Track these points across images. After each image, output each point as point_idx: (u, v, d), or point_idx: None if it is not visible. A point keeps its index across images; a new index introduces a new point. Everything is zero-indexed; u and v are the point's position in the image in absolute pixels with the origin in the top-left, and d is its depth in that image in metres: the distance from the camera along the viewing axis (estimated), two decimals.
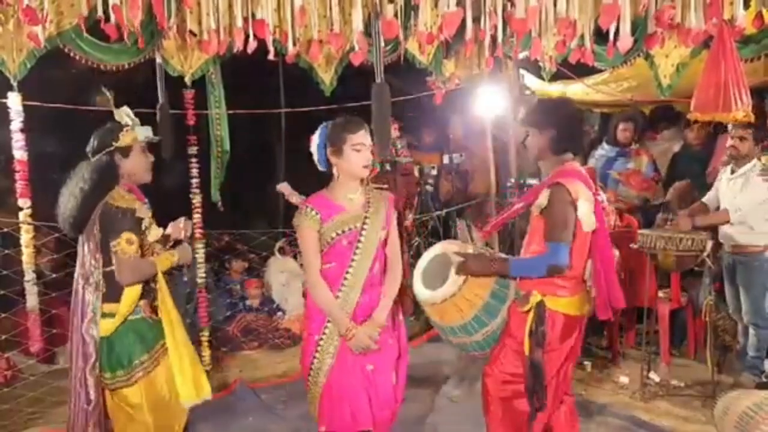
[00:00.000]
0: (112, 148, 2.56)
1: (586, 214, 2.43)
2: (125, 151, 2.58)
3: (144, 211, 2.56)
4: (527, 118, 2.68)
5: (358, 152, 2.43)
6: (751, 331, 3.96)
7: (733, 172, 3.96)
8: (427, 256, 2.82)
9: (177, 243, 2.86)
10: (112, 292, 2.50)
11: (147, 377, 2.54)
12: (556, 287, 2.49)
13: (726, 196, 3.97)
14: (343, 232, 2.45)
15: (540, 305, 2.48)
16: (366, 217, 2.47)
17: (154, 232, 2.58)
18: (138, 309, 2.56)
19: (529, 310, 2.50)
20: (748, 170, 3.86)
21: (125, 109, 2.63)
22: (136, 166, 2.62)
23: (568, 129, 2.58)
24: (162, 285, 2.56)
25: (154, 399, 2.54)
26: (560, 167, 2.55)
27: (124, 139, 2.57)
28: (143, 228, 2.54)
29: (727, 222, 3.85)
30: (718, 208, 4.03)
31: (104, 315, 2.50)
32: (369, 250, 2.46)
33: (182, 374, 2.54)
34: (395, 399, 2.61)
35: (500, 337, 2.64)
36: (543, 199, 2.48)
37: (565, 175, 2.49)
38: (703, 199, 4.16)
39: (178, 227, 2.89)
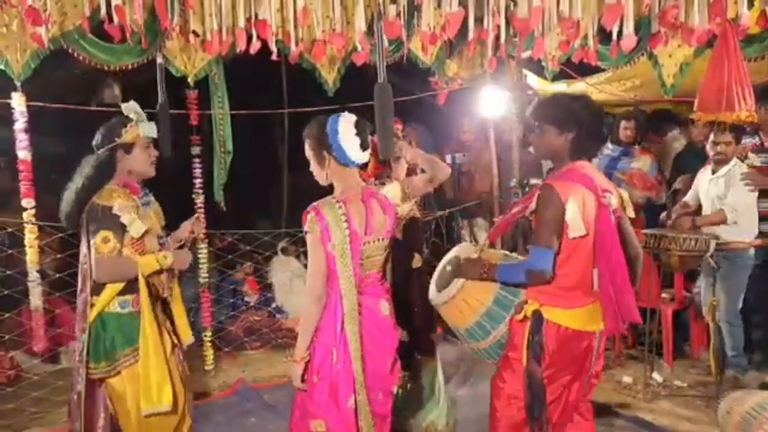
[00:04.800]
0: (114, 144, 2.57)
1: (573, 218, 2.22)
2: (128, 147, 2.59)
3: (126, 207, 2.50)
4: (544, 115, 2.40)
5: None
6: (725, 330, 3.97)
7: (713, 172, 4.03)
8: (445, 259, 2.82)
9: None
10: (96, 285, 2.52)
11: (131, 369, 2.52)
12: (555, 297, 2.30)
13: (708, 196, 4.03)
14: None
15: (536, 315, 2.31)
16: None
17: (136, 228, 2.50)
18: (125, 303, 2.54)
19: (525, 320, 2.34)
20: (729, 171, 3.94)
21: (133, 103, 2.63)
22: (138, 162, 2.62)
23: (593, 132, 2.36)
24: (142, 287, 2.51)
25: (137, 391, 2.52)
26: (564, 167, 2.38)
27: (127, 136, 2.58)
28: (124, 225, 2.49)
29: (724, 222, 3.88)
30: (699, 207, 4.13)
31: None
32: None
33: (145, 379, 2.50)
34: None
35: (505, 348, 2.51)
36: (534, 201, 2.34)
37: (562, 177, 2.34)
38: (685, 198, 4.23)
39: (186, 228, 2.89)
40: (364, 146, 2.31)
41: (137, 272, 2.50)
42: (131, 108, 2.62)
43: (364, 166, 2.56)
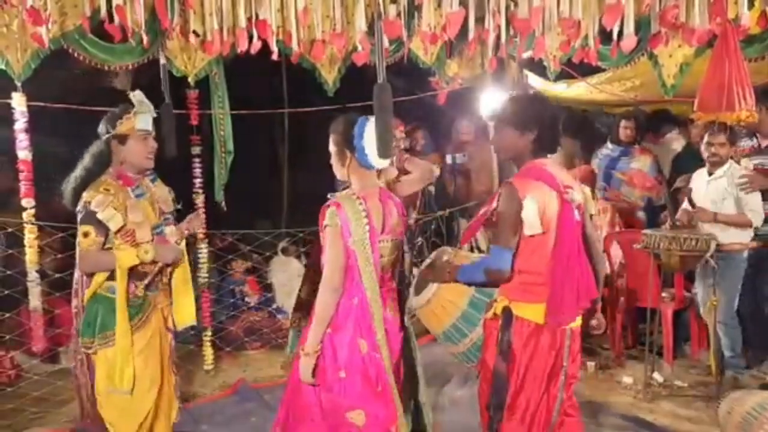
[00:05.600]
0: (109, 134, 2.62)
1: (529, 215, 2.21)
2: (122, 139, 2.63)
3: (103, 203, 2.53)
4: (504, 117, 2.40)
5: None
6: (722, 331, 3.98)
7: (710, 173, 4.04)
8: (424, 264, 2.83)
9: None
10: None
11: (105, 352, 2.60)
12: (524, 292, 2.28)
13: (709, 197, 4.02)
14: None
15: (506, 312, 2.29)
16: None
17: (114, 223, 2.54)
18: (114, 288, 2.59)
19: (495, 318, 2.32)
20: (725, 173, 3.96)
21: (139, 93, 2.67)
22: (133, 154, 2.65)
23: (552, 131, 2.36)
24: (119, 279, 2.55)
25: (104, 374, 2.61)
26: (527, 165, 2.35)
27: (122, 127, 2.62)
28: (102, 220, 2.53)
29: (750, 225, 3.90)
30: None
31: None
32: None
33: (113, 360, 2.61)
34: None
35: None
36: (496, 200, 2.30)
37: (522, 174, 2.33)
38: (684, 206, 4.18)
39: (183, 225, 2.90)
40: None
41: (114, 265, 2.55)
42: (137, 98, 2.65)
43: None
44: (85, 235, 2.52)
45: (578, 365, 2.45)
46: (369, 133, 2.32)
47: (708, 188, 4.03)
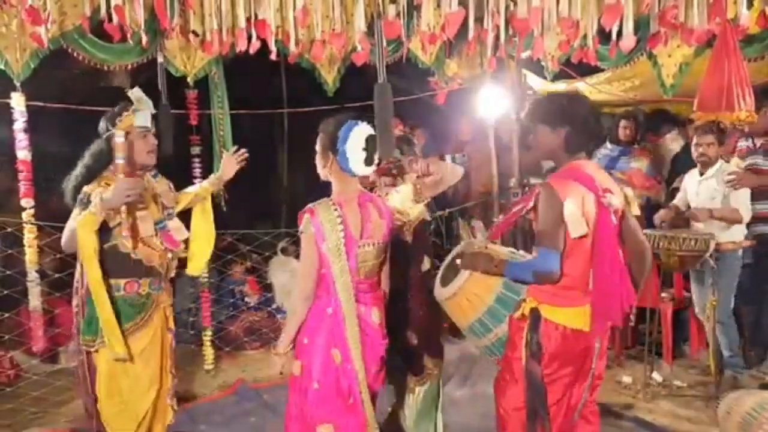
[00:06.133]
0: (110, 132, 2.62)
1: (571, 217, 2.19)
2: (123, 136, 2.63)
3: (102, 193, 2.51)
4: (536, 114, 2.41)
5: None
6: (719, 330, 3.98)
7: (701, 174, 4.06)
8: (451, 254, 2.82)
9: None
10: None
11: (107, 350, 2.58)
12: (554, 296, 2.28)
13: (700, 196, 4.04)
14: None
15: (534, 313, 2.31)
16: None
17: (94, 202, 2.48)
18: (118, 287, 2.59)
19: (523, 318, 2.33)
20: (716, 172, 3.96)
21: (137, 90, 2.67)
22: (133, 151, 2.65)
23: (585, 126, 2.33)
24: (84, 250, 2.47)
25: (107, 371, 2.60)
26: (565, 166, 2.35)
27: (121, 125, 2.62)
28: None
29: (740, 221, 3.90)
30: (688, 208, 4.14)
31: None
32: None
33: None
34: None
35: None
36: (532, 200, 2.30)
37: (560, 175, 2.33)
38: (675, 202, 4.24)
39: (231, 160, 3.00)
40: (368, 161, 2.30)
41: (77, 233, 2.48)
42: (135, 95, 2.66)
43: None
44: (75, 214, 2.51)
45: (604, 364, 2.46)
46: (353, 139, 2.26)
47: (699, 188, 4.05)
